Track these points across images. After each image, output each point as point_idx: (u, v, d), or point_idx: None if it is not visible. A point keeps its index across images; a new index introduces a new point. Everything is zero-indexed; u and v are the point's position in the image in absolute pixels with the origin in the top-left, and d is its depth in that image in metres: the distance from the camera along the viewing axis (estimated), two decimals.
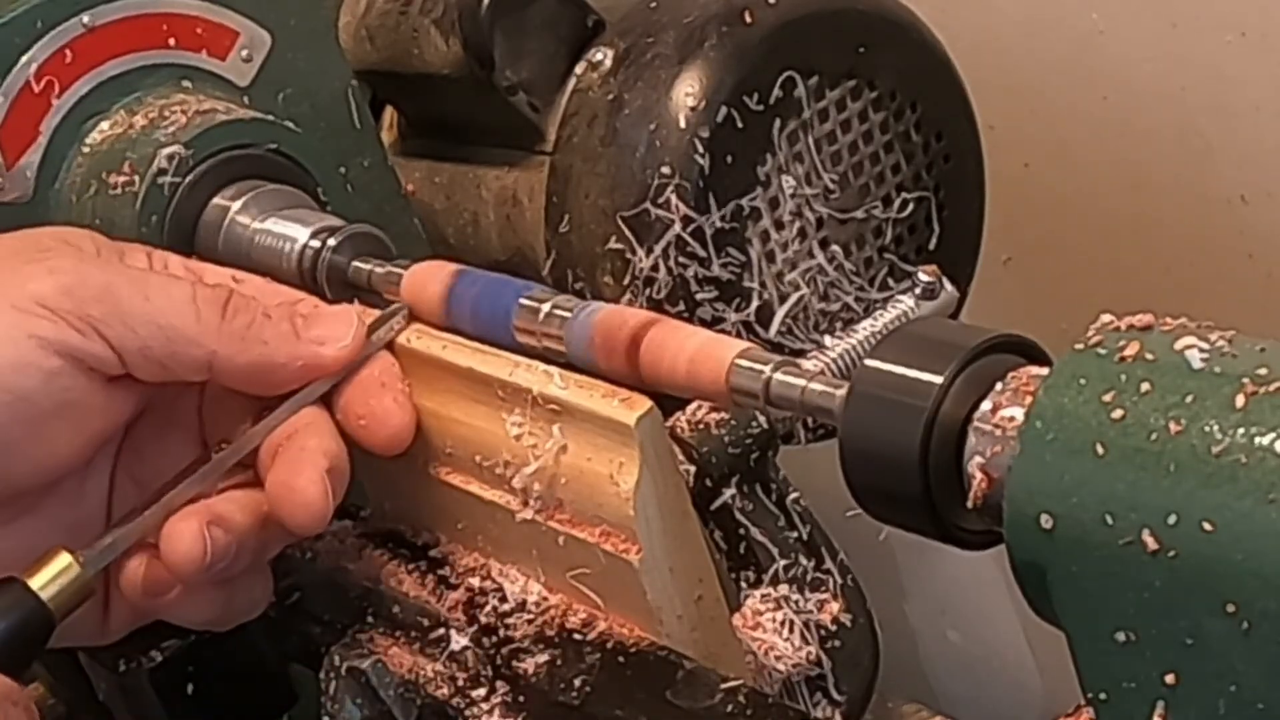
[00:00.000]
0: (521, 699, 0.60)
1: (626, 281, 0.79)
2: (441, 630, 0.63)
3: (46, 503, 0.64)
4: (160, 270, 0.66)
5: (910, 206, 0.85)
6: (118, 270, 0.64)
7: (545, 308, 0.65)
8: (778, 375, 0.57)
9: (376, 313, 0.67)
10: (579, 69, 0.84)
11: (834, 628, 0.67)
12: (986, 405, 0.51)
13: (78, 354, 0.61)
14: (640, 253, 0.79)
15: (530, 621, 0.62)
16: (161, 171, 0.76)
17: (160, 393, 0.65)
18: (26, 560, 0.61)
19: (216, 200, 0.77)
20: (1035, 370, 0.51)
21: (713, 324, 0.79)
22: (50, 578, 0.59)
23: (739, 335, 0.79)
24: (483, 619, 0.63)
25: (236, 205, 0.77)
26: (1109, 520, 0.46)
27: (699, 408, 0.69)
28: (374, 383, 0.64)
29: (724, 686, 0.56)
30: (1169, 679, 0.46)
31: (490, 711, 0.60)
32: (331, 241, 0.74)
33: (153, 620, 0.66)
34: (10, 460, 0.61)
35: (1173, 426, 0.45)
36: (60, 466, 0.63)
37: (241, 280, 0.67)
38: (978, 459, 0.50)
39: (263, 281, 0.67)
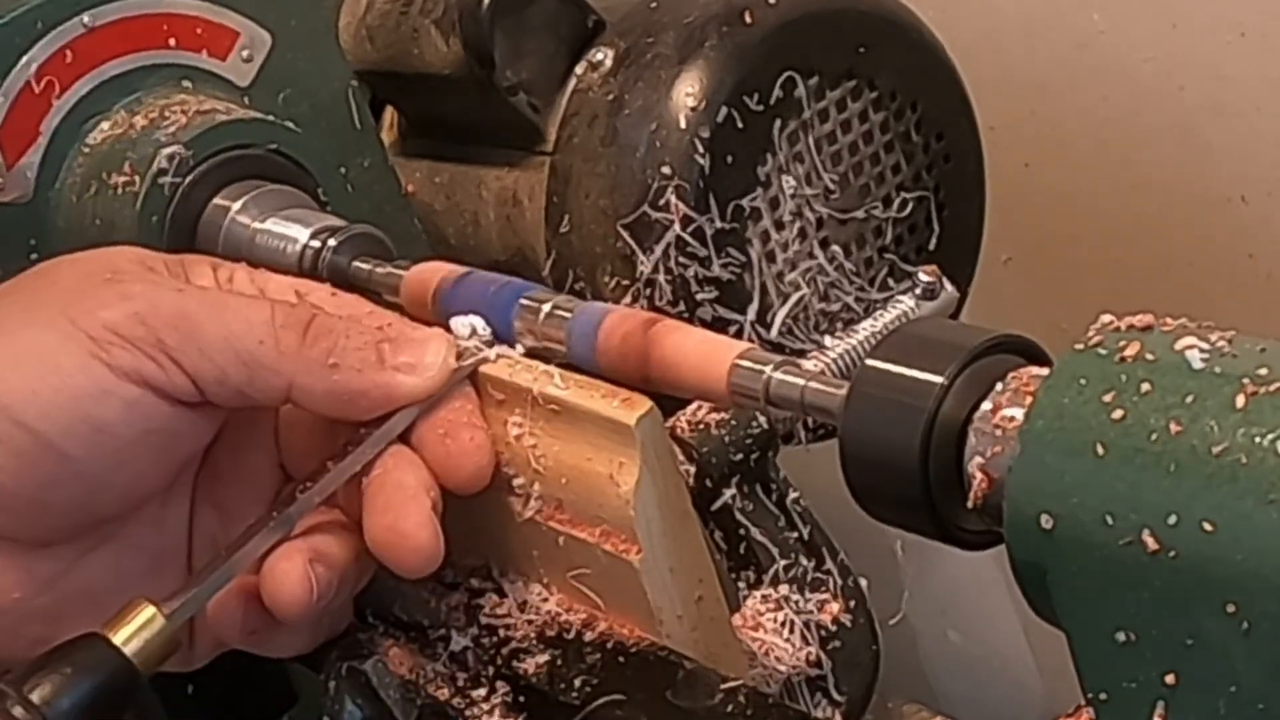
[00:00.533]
0: (521, 699, 0.60)
1: (627, 282, 0.79)
2: (442, 630, 0.63)
3: (128, 530, 0.62)
4: (225, 284, 0.64)
5: (910, 206, 0.85)
6: (192, 294, 0.61)
7: (545, 308, 0.64)
8: (778, 375, 0.57)
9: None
10: (579, 69, 0.84)
11: (834, 628, 0.67)
12: (987, 405, 0.51)
13: (154, 383, 0.59)
14: (640, 253, 0.79)
15: (530, 621, 0.62)
16: (162, 171, 0.76)
17: (236, 415, 0.63)
18: (108, 589, 0.60)
19: (217, 200, 0.77)
20: (1036, 370, 0.51)
21: (713, 324, 0.79)
22: (133, 631, 0.56)
23: (739, 336, 0.79)
24: (483, 619, 0.63)
25: (237, 205, 0.77)
26: (1109, 520, 0.46)
27: (699, 408, 0.69)
28: (453, 420, 0.61)
29: (724, 687, 0.56)
30: (1169, 679, 0.46)
31: (490, 712, 0.60)
32: (332, 242, 0.74)
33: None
34: (95, 491, 0.59)
35: (1173, 427, 0.45)
36: (145, 494, 0.61)
37: (306, 291, 0.64)
38: (978, 459, 0.50)
39: (326, 291, 0.65)
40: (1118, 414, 0.46)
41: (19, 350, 0.59)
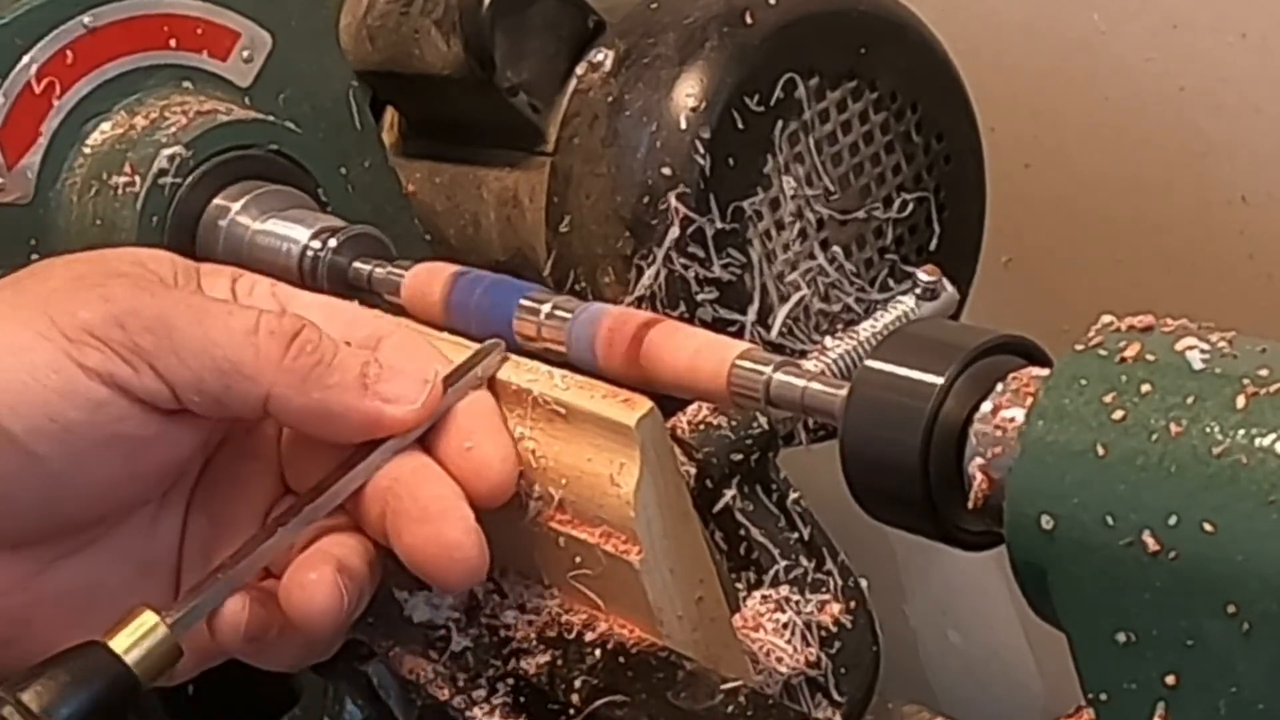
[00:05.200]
0: (522, 699, 0.60)
1: (628, 283, 0.79)
2: (442, 630, 0.63)
3: (114, 536, 0.61)
4: (245, 296, 0.63)
5: (911, 207, 0.85)
6: (178, 299, 0.60)
7: (545, 308, 0.65)
8: (778, 376, 0.57)
9: (470, 350, 0.62)
10: (580, 70, 0.84)
11: (835, 629, 0.67)
12: (987, 406, 0.51)
13: (126, 386, 0.58)
14: (641, 254, 0.79)
15: (530, 622, 0.62)
16: (162, 172, 0.76)
17: (236, 426, 0.62)
18: (93, 596, 0.59)
19: (217, 201, 0.77)
20: (1036, 371, 0.51)
21: (713, 325, 0.79)
22: (135, 640, 0.55)
23: (740, 336, 0.79)
24: (483, 619, 0.63)
25: (237, 206, 0.77)
26: (1110, 521, 0.46)
27: (699, 408, 0.69)
28: (473, 429, 0.60)
29: (724, 687, 0.56)
30: (1169, 680, 0.46)
31: (491, 712, 0.60)
32: (332, 242, 0.74)
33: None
34: (61, 492, 0.58)
35: (1173, 427, 0.45)
36: (117, 500, 0.60)
37: (336, 308, 0.63)
38: (978, 460, 0.50)
39: (355, 311, 0.63)
40: (1118, 415, 0.46)
41: None
